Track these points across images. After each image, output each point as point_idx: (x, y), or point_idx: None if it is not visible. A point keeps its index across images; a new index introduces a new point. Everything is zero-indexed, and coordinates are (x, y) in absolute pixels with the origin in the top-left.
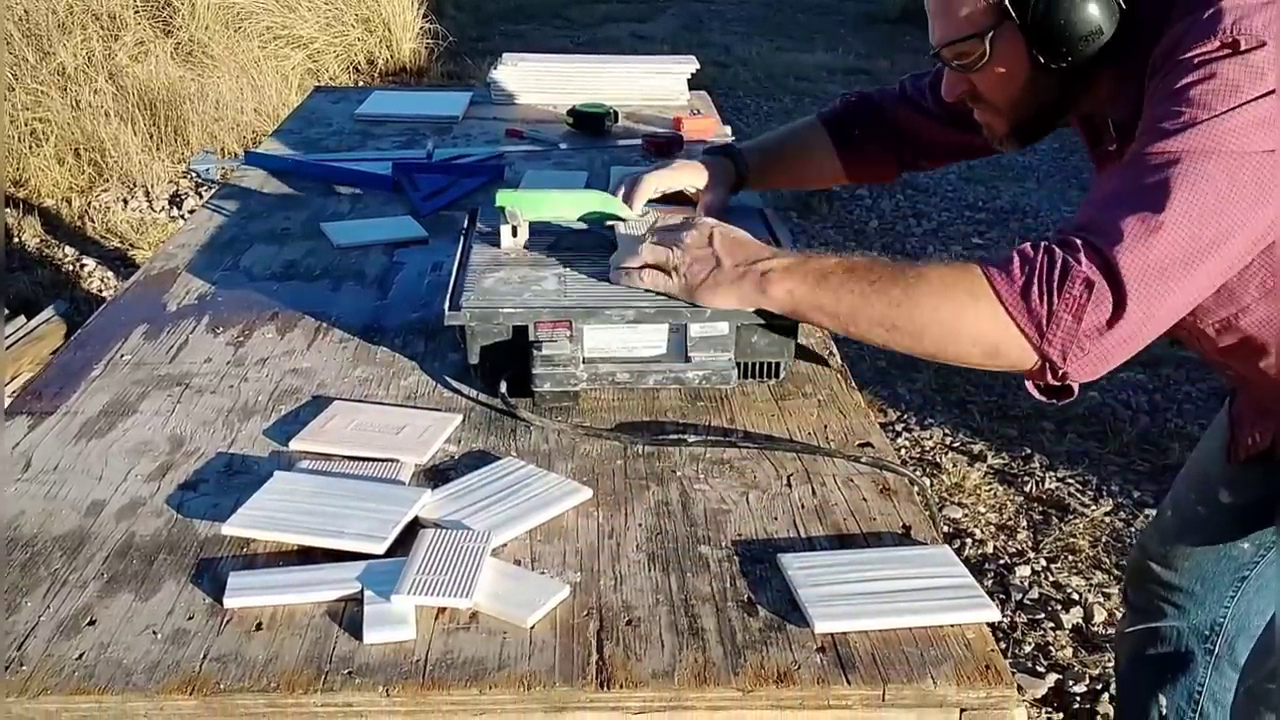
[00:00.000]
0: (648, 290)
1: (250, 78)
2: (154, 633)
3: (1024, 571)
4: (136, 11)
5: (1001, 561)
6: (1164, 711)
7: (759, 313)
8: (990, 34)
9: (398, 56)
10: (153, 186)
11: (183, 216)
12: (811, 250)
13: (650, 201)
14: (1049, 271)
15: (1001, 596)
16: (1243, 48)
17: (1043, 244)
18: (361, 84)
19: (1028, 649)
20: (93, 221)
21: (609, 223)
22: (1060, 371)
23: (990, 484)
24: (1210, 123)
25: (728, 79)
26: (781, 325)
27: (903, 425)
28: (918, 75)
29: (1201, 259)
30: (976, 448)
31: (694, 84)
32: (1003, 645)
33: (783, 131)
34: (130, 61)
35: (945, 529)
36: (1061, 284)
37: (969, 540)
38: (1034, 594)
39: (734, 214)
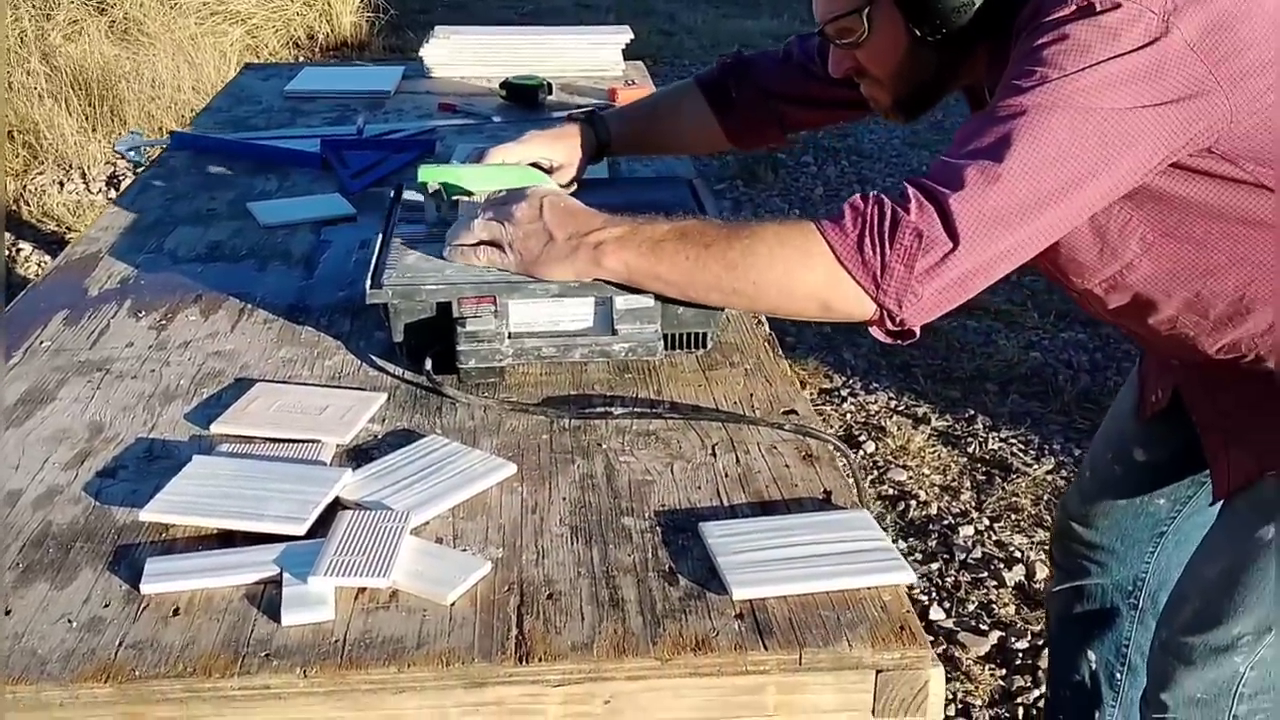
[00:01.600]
0: (486, 268)
1: (187, 55)
2: (69, 621)
3: (967, 531)
4: None
5: (945, 522)
6: (1093, 666)
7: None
8: (868, 9)
9: (338, 31)
10: (89, 168)
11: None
12: (643, 217)
13: None
14: (879, 223)
15: (945, 556)
16: (1097, 9)
17: (872, 195)
18: (302, 59)
19: (971, 607)
20: (28, 205)
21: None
22: (898, 318)
23: (934, 446)
24: (1059, 81)
25: (673, 47)
26: None
27: (848, 390)
28: (803, 37)
29: (1039, 209)
30: (921, 410)
31: (637, 53)
32: (947, 604)
33: (655, 95)
34: (63, 41)
35: (890, 491)
36: (893, 234)
37: (913, 502)
38: (977, 553)
39: (660, 184)
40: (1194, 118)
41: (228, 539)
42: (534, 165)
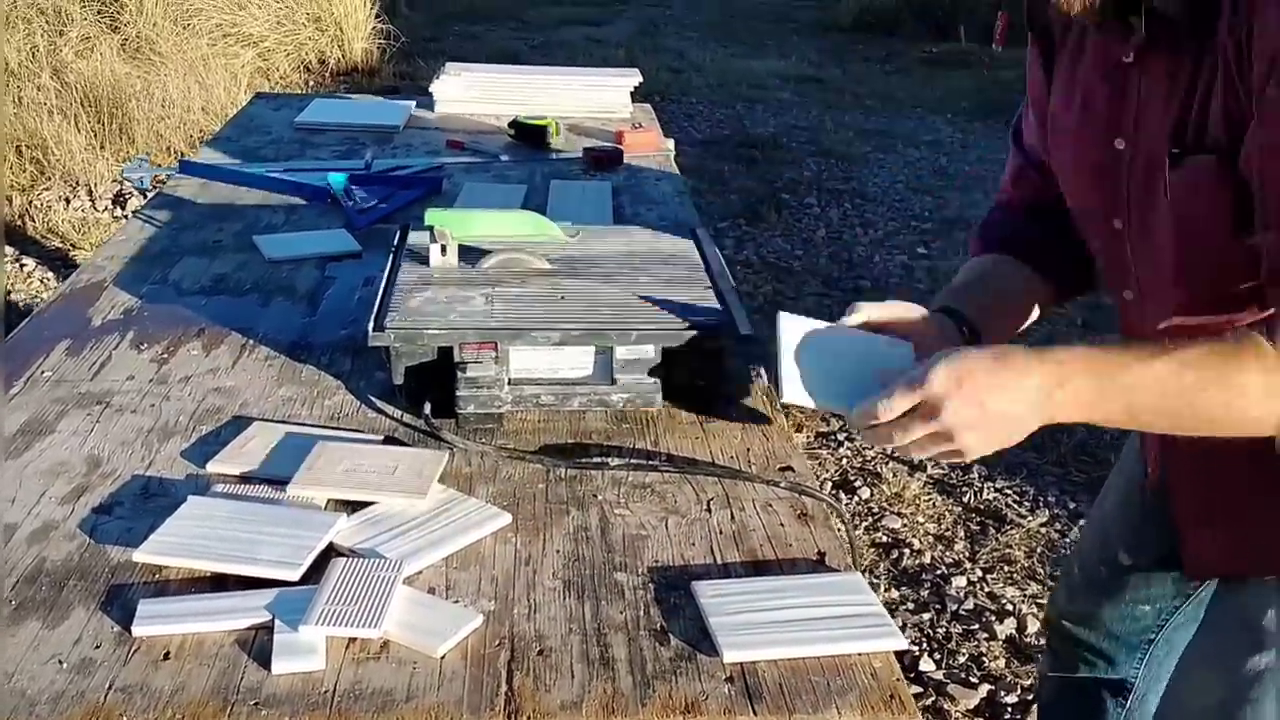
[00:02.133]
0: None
1: (198, 76)
2: (60, 662)
3: (960, 582)
4: (82, 6)
5: (939, 571)
6: None
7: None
8: None
9: (349, 56)
10: (96, 185)
11: (126, 216)
12: (1068, 348)
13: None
14: None
15: (937, 606)
16: None
17: None
18: (312, 84)
19: (962, 659)
20: (33, 221)
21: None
22: None
23: (929, 494)
24: None
25: (681, 84)
26: (712, 349)
27: (844, 435)
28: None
29: None
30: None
31: (646, 89)
32: (937, 656)
33: (977, 271)
34: (75, 57)
35: (883, 539)
36: None
37: (907, 550)
38: (969, 604)
39: (664, 231)
40: None
41: (221, 581)
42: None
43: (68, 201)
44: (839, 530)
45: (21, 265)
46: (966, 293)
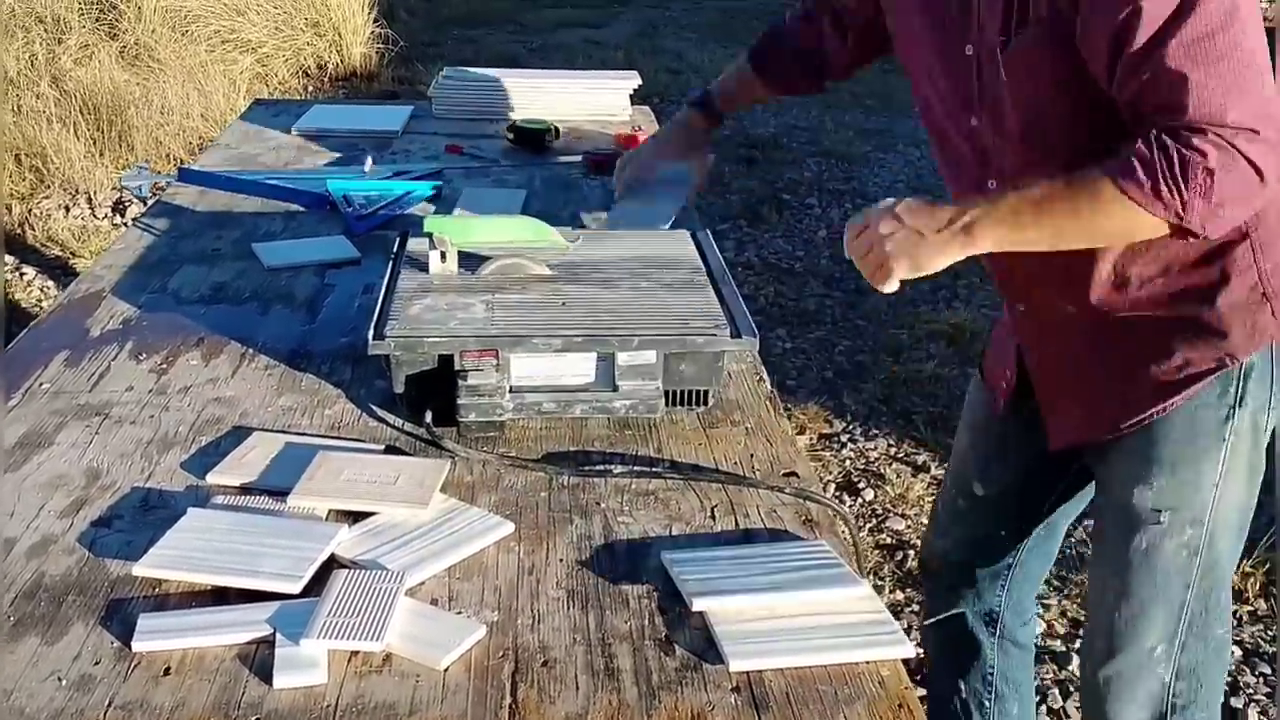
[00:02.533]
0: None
1: (197, 82)
2: (59, 679)
3: None
4: (81, 14)
5: None
6: (964, 696)
7: None
8: None
9: (348, 61)
10: (95, 193)
11: (125, 224)
12: (984, 198)
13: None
14: (1169, 168)
15: None
16: None
17: (1155, 140)
18: (311, 89)
19: None
20: (33, 229)
21: None
22: (1203, 236)
23: (934, 494)
24: None
25: (680, 86)
26: (709, 354)
27: (848, 436)
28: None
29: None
30: (920, 458)
31: (645, 91)
32: None
33: (729, 74)
34: (74, 65)
35: (888, 540)
36: (1185, 176)
37: (911, 552)
38: None
39: (664, 236)
40: None
41: (222, 594)
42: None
43: (67, 209)
44: (844, 535)
45: (21, 274)
46: (721, 86)
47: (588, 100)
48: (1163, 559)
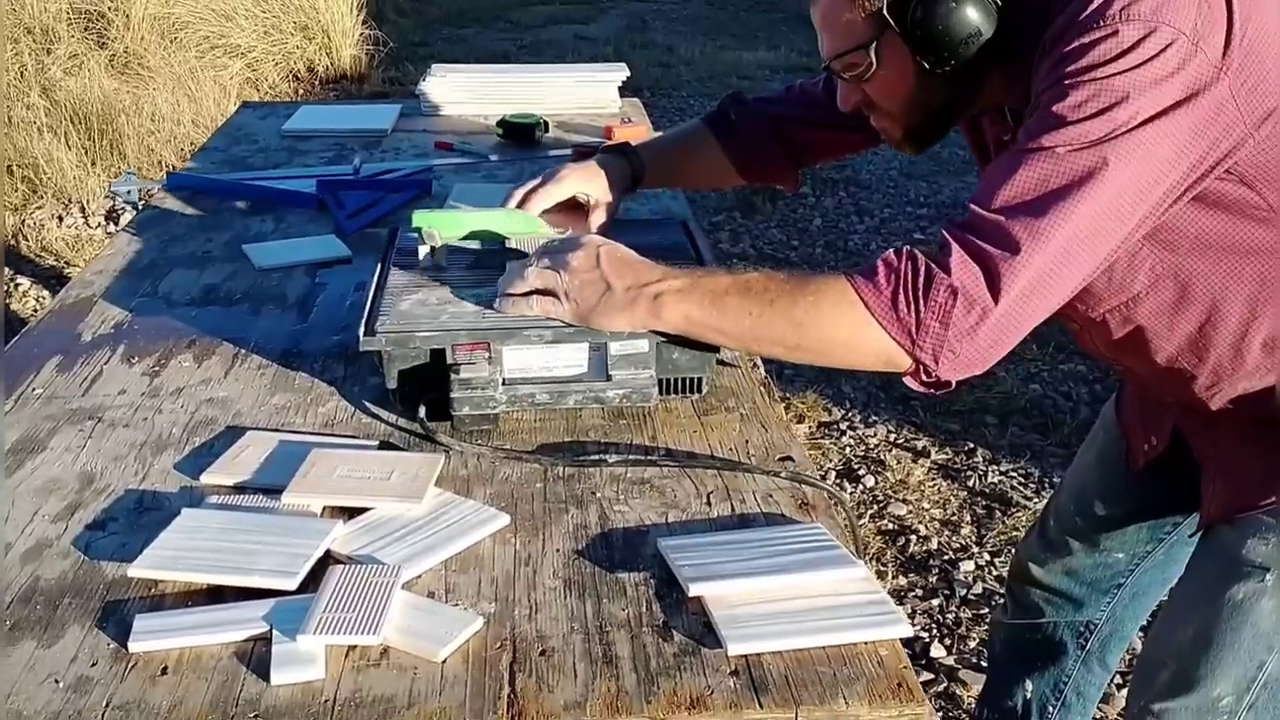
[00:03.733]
0: (536, 317)
1: (187, 89)
2: (56, 681)
3: (968, 566)
4: (69, 24)
5: (946, 557)
6: (1028, 696)
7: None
8: (874, 44)
9: (338, 64)
10: (88, 202)
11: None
12: (701, 270)
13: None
14: (913, 279)
15: (946, 592)
16: (1129, 44)
17: (905, 251)
18: (301, 92)
19: (972, 644)
20: (27, 240)
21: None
22: (934, 374)
23: (934, 479)
24: (1093, 121)
25: (671, 79)
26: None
27: (847, 424)
28: (807, 83)
29: (1080, 264)
30: (920, 443)
31: (636, 84)
32: (947, 641)
33: (676, 130)
34: (63, 75)
35: (890, 526)
36: (927, 291)
37: (913, 537)
38: (978, 589)
39: (657, 226)
40: (1212, 125)
41: (218, 593)
42: (570, 201)
43: (61, 219)
44: (841, 519)
45: (17, 284)
46: (659, 142)
47: (577, 93)
48: (1257, 615)
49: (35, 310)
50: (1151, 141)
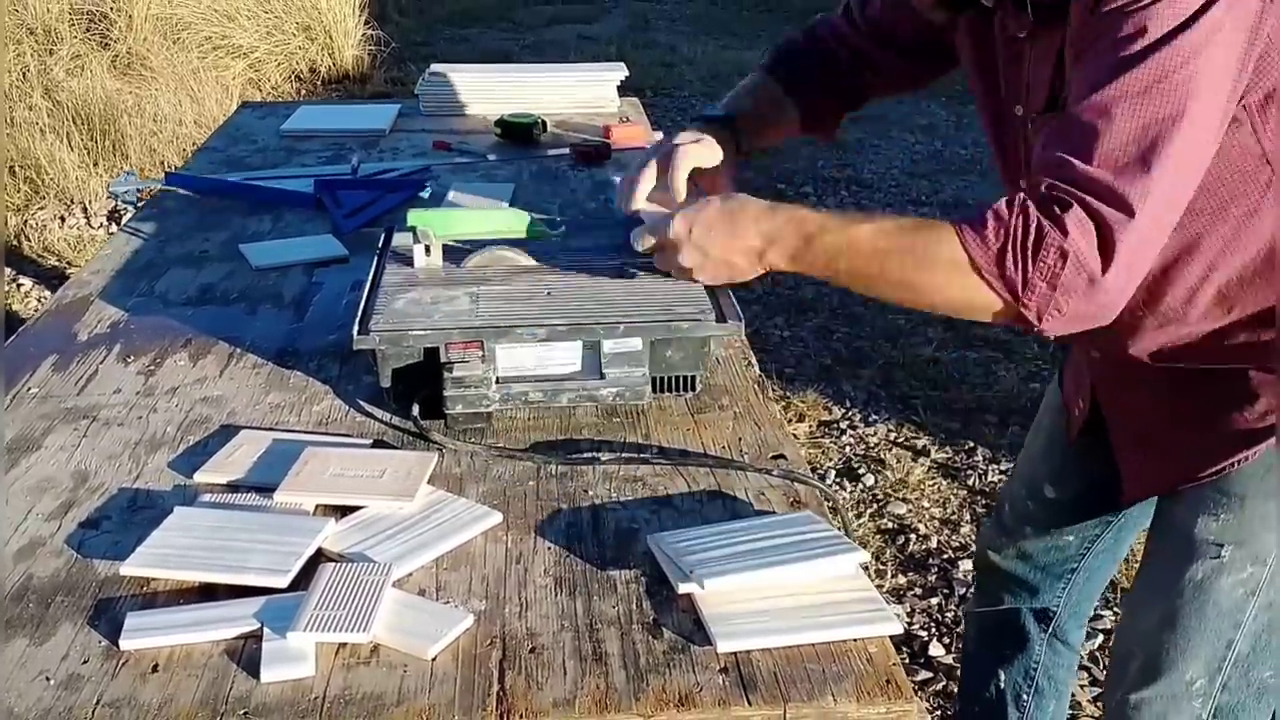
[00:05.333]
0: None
1: (189, 89)
2: (47, 679)
3: (967, 565)
4: (72, 25)
5: (945, 556)
6: (1002, 685)
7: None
8: None
9: (340, 64)
10: (90, 203)
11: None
12: (816, 216)
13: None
14: (1024, 238)
15: (945, 591)
16: None
17: (1018, 203)
18: (304, 93)
19: None
20: (29, 240)
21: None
22: (1036, 329)
23: (934, 478)
24: (1166, 52)
25: (673, 79)
26: (695, 339)
27: (847, 423)
28: (824, 20)
29: (1179, 203)
30: (920, 442)
31: (639, 84)
32: (946, 640)
33: (748, 94)
34: (66, 76)
35: (889, 525)
36: (1036, 252)
37: (913, 535)
38: None
39: None
40: (1255, 38)
41: (209, 591)
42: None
43: (63, 220)
44: (832, 515)
45: (19, 285)
46: (738, 106)
47: (575, 92)
48: (1216, 593)
49: (37, 310)
50: (1217, 56)
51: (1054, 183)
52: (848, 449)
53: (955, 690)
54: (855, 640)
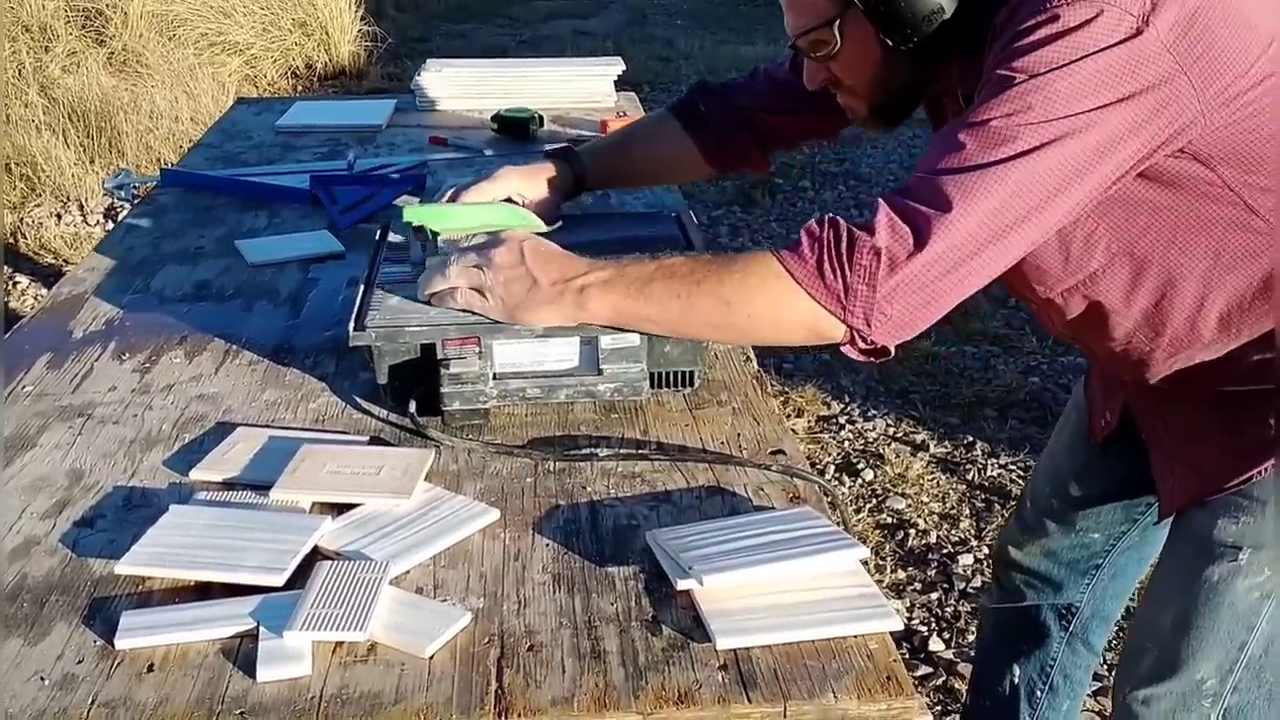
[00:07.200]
0: (463, 311)
1: (186, 86)
2: (42, 679)
3: (967, 560)
4: (67, 22)
5: (945, 550)
6: (1015, 680)
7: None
8: (838, 21)
9: (336, 60)
10: (87, 200)
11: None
12: (627, 258)
13: None
14: (836, 245)
15: (945, 585)
16: (1074, 23)
17: (827, 218)
18: (300, 89)
19: (971, 638)
20: (25, 238)
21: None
22: (868, 338)
23: (933, 473)
24: (1036, 93)
25: (670, 74)
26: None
27: (846, 418)
28: (771, 67)
29: (1014, 227)
30: (919, 437)
31: (635, 79)
32: (946, 635)
33: (631, 125)
34: (62, 73)
35: (888, 520)
36: (850, 255)
37: (912, 530)
38: (977, 582)
39: (650, 219)
40: (1161, 106)
41: (205, 590)
42: (508, 201)
43: (59, 217)
44: (832, 510)
45: (15, 282)
46: (607, 140)
47: (572, 87)
48: (1232, 595)
49: (33, 308)
50: (1097, 120)
51: (882, 195)
52: (846, 444)
53: (956, 685)
54: (855, 636)
